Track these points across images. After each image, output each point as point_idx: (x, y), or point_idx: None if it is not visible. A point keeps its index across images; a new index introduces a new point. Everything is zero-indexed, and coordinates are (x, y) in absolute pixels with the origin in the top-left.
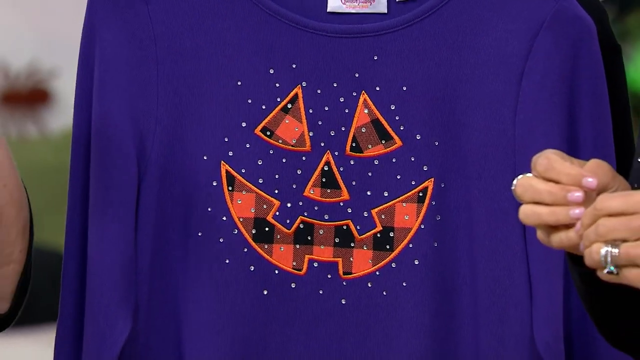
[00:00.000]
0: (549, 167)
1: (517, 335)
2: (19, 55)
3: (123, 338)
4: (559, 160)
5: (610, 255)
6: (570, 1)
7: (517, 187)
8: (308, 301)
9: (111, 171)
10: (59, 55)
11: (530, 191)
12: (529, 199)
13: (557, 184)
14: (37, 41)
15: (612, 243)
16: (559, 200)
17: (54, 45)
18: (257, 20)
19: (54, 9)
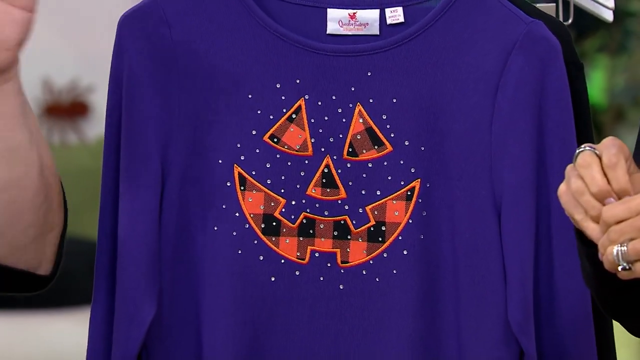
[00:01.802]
0: (612, 166)
1: (494, 317)
2: (62, 73)
3: (149, 319)
4: (623, 165)
5: (621, 253)
6: (539, 24)
7: (580, 159)
8: (310, 287)
9: (138, 173)
10: (95, 73)
11: (587, 172)
12: (580, 176)
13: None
14: (76, 61)
15: (621, 243)
16: (599, 197)
17: (91, 64)
18: (266, 42)
19: (91, 35)
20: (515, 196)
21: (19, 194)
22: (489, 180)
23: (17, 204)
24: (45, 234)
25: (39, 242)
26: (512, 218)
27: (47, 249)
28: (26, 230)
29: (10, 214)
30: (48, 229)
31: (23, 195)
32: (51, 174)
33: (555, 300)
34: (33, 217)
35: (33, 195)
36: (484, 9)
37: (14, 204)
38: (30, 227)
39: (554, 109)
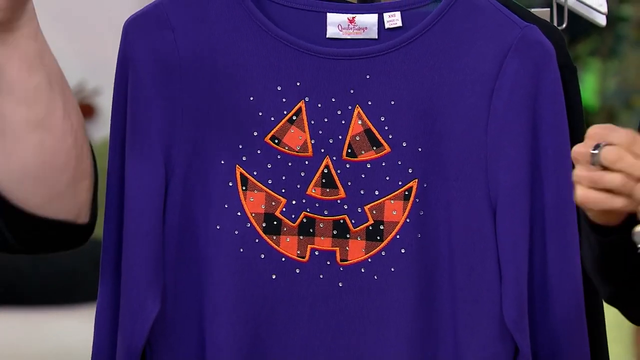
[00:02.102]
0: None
1: (489, 313)
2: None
3: (152, 316)
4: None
5: None
6: (533, 28)
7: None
8: (310, 284)
9: (142, 174)
10: (101, 76)
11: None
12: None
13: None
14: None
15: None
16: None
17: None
18: (267, 45)
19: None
20: (510, 196)
21: (46, 135)
22: (484, 181)
23: (47, 145)
24: (79, 180)
25: (75, 188)
26: (507, 218)
27: (83, 196)
28: (60, 174)
29: (42, 156)
30: (81, 176)
31: (51, 136)
32: (76, 117)
33: (549, 298)
34: (65, 160)
35: (61, 137)
36: (479, 13)
37: (44, 145)
38: (64, 172)
39: (548, 111)
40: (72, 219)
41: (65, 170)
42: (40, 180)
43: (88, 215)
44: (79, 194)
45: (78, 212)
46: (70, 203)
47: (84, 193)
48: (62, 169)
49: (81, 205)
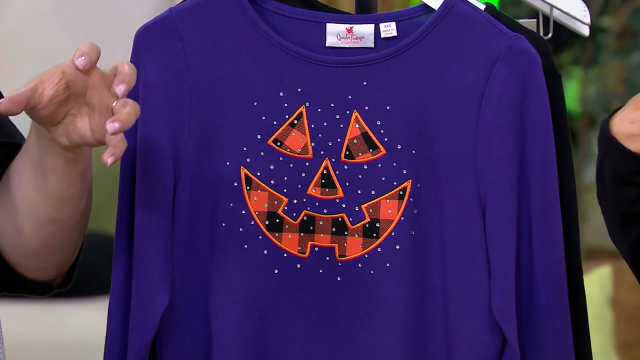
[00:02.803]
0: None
1: (478, 306)
2: None
3: (162, 308)
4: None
5: None
6: (521, 38)
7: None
8: (310, 278)
9: (152, 174)
10: None
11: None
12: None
13: None
14: None
15: None
16: None
17: None
18: (270, 53)
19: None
20: (499, 196)
21: (60, 231)
22: (474, 181)
23: (58, 237)
24: (70, 257)
25: (65, 263)
26: (496, 215)
27: (67, 267)
28: (57, 256)
29: (50, 244)
30: (73, 254)
31: (64, 232)
32: (88, 212)
33: (535, 292)
34: (67, 247)
35: (71, 231)
36: (470, 24)
37: (55, 236)
38: (62, 254)
39: (535, 116)
40: (50, 281)
41: (64, 252)
42: (40, 258)
43: (60, 281)
44: (65, 266)
45: (56, 278)
46: (55, 272)
47: (69, 265)
48: (62, 252)
49: (63, 273)
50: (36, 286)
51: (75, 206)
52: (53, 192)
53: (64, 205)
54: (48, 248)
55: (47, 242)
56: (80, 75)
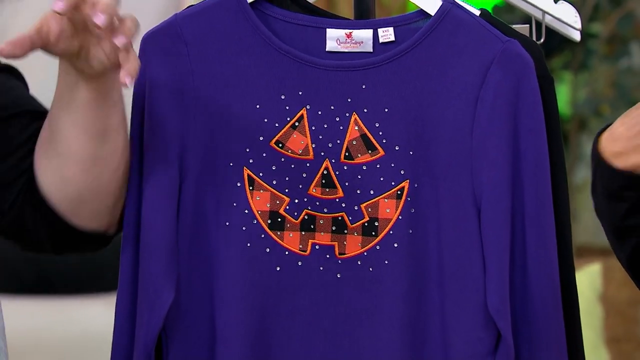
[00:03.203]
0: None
1: (474, 302)
2: None
3: (168, 305)
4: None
5: None
6: (514, 43)
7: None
8: (311, 275)
9: (159, 174)
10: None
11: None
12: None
13: None
14: None
15: None
16: None
17: None
18: (272, 58)
19: None
20: (494, 195)
21: (105, 169)
22: (470, 181)
23: (104, 178)
24: (119, 201)
25: (114, 208)
26: (491, 214)
27: (117, 212)
28: (107, 199)
29: (97, 186)
30: (121, 197)
31: (108, 170)
32: (128, 150)
33: (528, 287)
34: (114, 188)
35: (116, 169)
36: (465, 29)
37: (101, 178)
38: (110, 197)
39: (528, 118)
40: (104, 230)
41: (112, 195)
42: (90, 204)
43: (116, 227)
44: (116, 212)
45: (110, 226)
46: (107, 219)
47: (119, 210)
48: (110, 195)
49: (115, 219)
50: (93, 238)
51: (115, 142)
52: (92, 126)
53: (105, 140)
54: (96, 191)
55: (95, 185)
56: (74, 12)
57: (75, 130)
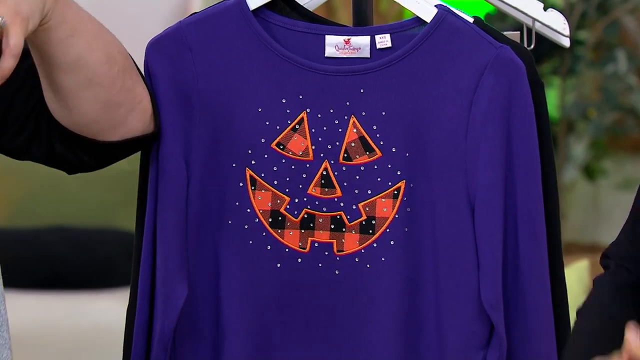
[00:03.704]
0: None
1: (468, 297)
2: None
3: (182, 299)
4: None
5: None
6: (507, 48)
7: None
8: (310, 272)
9: (167, 175)
10: None
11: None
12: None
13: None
14: None
15: None
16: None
17: None
18: (273, 63)
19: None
20: (487, 194)
21: (98, 88)
22: (464, 181)
23: (101, 96)
24: (137, 104)
25: (135, 112)
26: (484, 213)
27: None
28: (118, 110)
29: (98, 105)
30: (138, 100)
31: (102, 88)
32: (121, 58)
33: (520, 282)
34: (118, 100)
35: (111, 84)
36: (460, 35)
37: (98, 97)
38: (121, 107)
39: (520, 120)
40: (140, 133)
41: (122, 105)
42: (102, 121)
43: (152, 123)
44: (142, 113)
45: (144, 127)
46: (135, 123)
47: (145, 111)
48: (118, 105)
49: (145, 119)
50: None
51: (94, 60)
52: (60, 60)
53: (81, 67)
54: (105, 109)
55: (100, 105)
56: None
57: (51, 73)
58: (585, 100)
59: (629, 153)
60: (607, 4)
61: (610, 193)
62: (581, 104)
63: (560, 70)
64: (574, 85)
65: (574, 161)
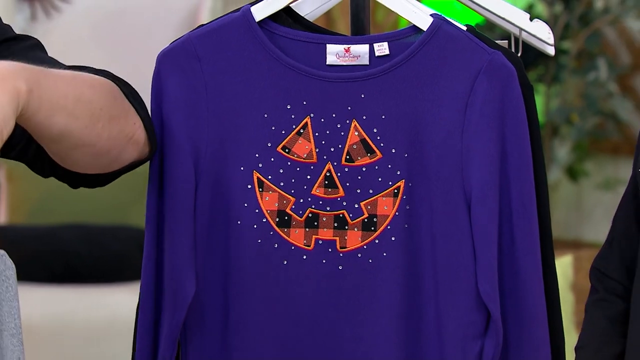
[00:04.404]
0: None
1: (465, 289)
2: None
3: (191, 295)
4: None
5: None
6: (499, 54)
7: None
8: (315, 268)
9: (176, 177)
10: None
11: None
12: None
13: None
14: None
15: None
16: None
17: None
18: (278, 71)
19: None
20: (482, 192)
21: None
22: (460, 180)
23: (90, 151)
24: (127, 143)
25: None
26: (480, 209)
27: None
28: (108, 154)
29: (93, 157)
30: (128, 139)
31: (91, 146)
32: (100, 106)
33: (515, 274)
34: (104, 145)
35: (98, 140)
36: (454, 42)
37: (88, 153)
38: (111, 151)
39: (512, 122)
40: (136, 159)
41: (112, 149)
42: (96, 166)
43: (148, 147)
44: (135, 145)
45: (140, 153)
46: (129, 155)
47: (138, 142)
48: (108, 152)
49: (139, 148)
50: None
51: (81, 126)
52: (52, 132)
53: (62, 140)
54: (96, 158)
55: (90, 157)
56: None
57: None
58: (569, 105)
59: (609, 155)
60: (588, 16)
61: (591, 193)
62: (565, 110)
63: (545, 77)
64: (558, 91)
65: (558, 163)
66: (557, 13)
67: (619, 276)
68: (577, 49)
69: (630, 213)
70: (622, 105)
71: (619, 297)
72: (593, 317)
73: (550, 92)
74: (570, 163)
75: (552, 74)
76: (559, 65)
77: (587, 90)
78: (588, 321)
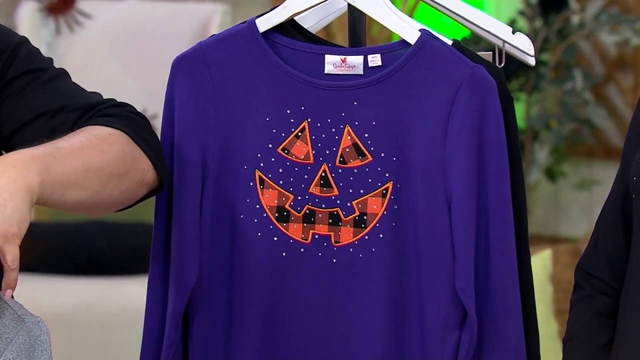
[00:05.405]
0: None
1: (445, 284)
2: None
3: (193, 282)
4: None
5: None
6: (480, 68)
7: None
8: (311, 260)
9: (185, 175)
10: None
11: None
12: None
13: None
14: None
15: None
16: None
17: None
18: (279, 79)
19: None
20: (462, 194)
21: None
22: (442, 182)
23: (103, 207)
24: (137, 188)
25: (138, 191)
26: (460, 210)
27: (148, 185)
28: (120, 205)
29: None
30: (137, 185)
31: (104, 205)
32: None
33: (490, 272)
34: (116, 198)
35: (109, 199)
36: (440, 56)
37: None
38: (122, 202)
39: (491, 130)
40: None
41: (123, 199)
42: (109, 213)
43: (158, 181)
44: (145, 185)
45: (150, 188)
46: (140, 194)
47: (148, 182)
48: (119, 203)
49: (149, 185)
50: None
51: (92, 193)
52: (65, 206)
53: (83, 201)
54: (108, 209)
55: (103, 210)
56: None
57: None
58: (547, 112)
59: (585, 158)
60: (565, 30)
61: (568, 192)
62: (544, 116)
63: (526, 87)
64: (537, 99)
65: (538, 164)
66: (537, 28)
67: (604, 276)
68: (555, 61)
69: (616, 215)
70: (597, 113)
71: (605, 294)
72: (580, 311)
73: (531, 100)
74: (549, 165)
75: (533, 83)
76: (538, 76)
77: (564, 98)
78: (575, 315)
